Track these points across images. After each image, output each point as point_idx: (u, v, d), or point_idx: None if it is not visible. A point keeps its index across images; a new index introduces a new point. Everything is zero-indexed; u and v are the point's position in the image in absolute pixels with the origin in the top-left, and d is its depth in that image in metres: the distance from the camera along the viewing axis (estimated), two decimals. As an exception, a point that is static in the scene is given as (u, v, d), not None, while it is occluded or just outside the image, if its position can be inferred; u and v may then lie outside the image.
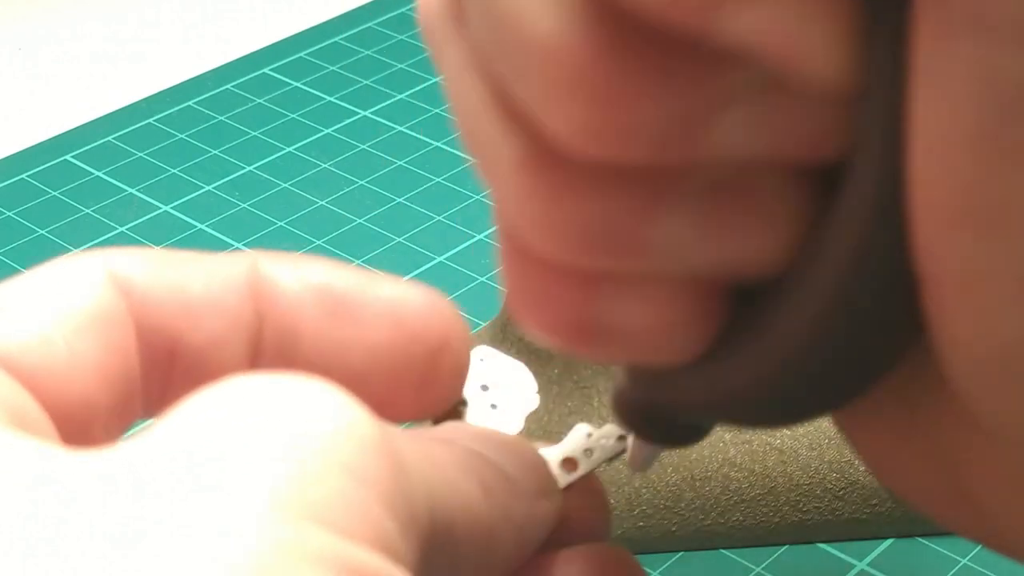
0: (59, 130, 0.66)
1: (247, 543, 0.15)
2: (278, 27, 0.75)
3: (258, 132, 0.65)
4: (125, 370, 0.21)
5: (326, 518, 0.15)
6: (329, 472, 0.16)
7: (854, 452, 0.22)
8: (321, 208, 0.60)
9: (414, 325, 0.22)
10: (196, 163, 0.63)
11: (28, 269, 0.21)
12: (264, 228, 0.59)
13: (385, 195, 0.61)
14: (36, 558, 0.14)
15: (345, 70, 0.70)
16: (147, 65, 0.72)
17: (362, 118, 0.66)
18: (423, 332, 0.22)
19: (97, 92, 0.70)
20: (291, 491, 0.15)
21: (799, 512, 0.43)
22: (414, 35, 0.73)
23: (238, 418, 0.16)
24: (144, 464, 0.16)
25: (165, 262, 0.21)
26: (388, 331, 0.21)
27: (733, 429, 0.42)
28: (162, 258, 0.21)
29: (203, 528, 0.15)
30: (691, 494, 0.42)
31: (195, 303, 0.21)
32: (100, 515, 0.15)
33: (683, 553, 0.43)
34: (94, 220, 0.60)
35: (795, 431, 0.42)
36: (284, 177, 0.62)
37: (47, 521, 0.15)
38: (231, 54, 0.72)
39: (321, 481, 0.16)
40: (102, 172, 0.63)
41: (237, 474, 0.15)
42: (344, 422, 0.17)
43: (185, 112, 0.67)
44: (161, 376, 0.21)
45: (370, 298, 0.21)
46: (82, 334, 0.20)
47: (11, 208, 0.60)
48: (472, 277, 0.56)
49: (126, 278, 0.21)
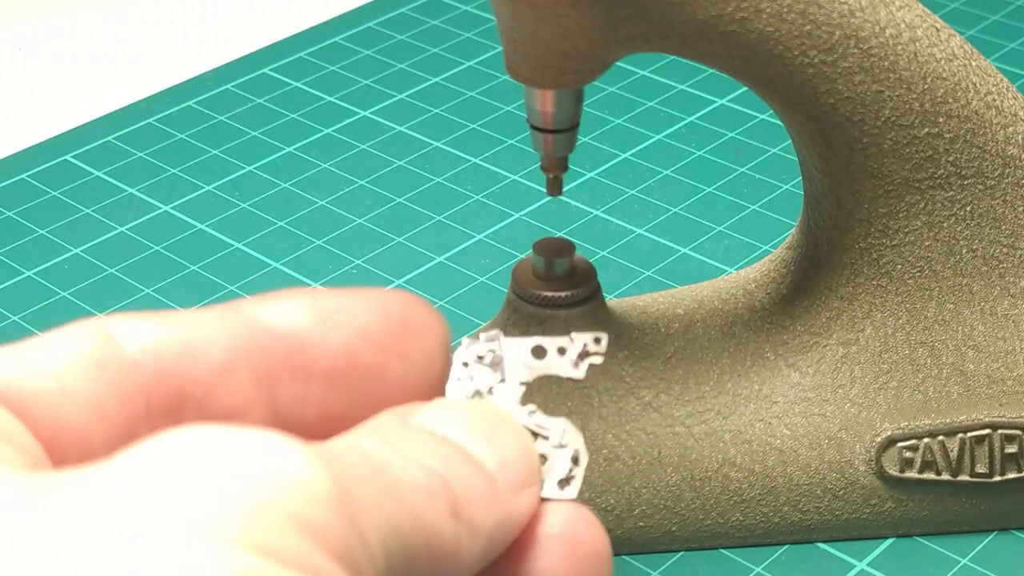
0: (59, 130, 0.66)
1: (171, 557, 0.16)
2: (278, 27, 0.75)
3: (258, 132, 0.65)
4: (126, 410, 0.22)
5: (263, 549, 0.17)
6: (273, 518, 0.17)
7: None
8: (321, 208, 0.60)
9: (397, 311, 0.23)
10: (196, 163, 0.63)
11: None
12: (264, 228, 0.59)
13: (385, 195, 0.61)
14: None
15: (345, 70, 0.70)
16: (147, 65, 0.72)
17: (362, 118, 0.66)
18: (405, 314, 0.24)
19: (97, 92, 0.70)
20: (227, 521, 0.17)
21: (799, 512, 0.43)
22: (414, 35, 0.73)
23: (182, 462, 0.18)
24: (74, 487, 0.17)
25: (158, 315, 0.23)
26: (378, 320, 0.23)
27: (733, 429, 0.42)
28: (155, 314, 0.23)
29: (120, 546, 0.16)
30: (691, 494, 0.42)
31: (192, 340, 0.22)
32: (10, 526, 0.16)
33: (683, 553, 0.43)
34: (94, 220, 0.60)
35: (795, 431, 0.42)
36: (284, 177, 0.62)
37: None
38: (231, 54, 0.72)
39: (263, 523, 0.17)
40: (102, 172, 0.63)
41: (168, 506, 0.17)
42: (294, 473, 0.18)
43: (185, 112, 0.67)
44: (175, 417, 0.22)
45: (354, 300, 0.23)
46: (73, 372, 0.21)
47: (11, 208, 0.60)
48: (472, 277, 0.56)
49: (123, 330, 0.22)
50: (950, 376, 0.42)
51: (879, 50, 0.38)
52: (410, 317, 0.24)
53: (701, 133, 0.64)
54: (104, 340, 0.22)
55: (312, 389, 0.23)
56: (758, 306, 0.44)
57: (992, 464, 0.42)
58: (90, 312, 0.54)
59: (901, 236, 0.41)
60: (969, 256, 0.41)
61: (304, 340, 0.23)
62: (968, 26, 0.71)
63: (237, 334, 0.23)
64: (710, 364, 0.43)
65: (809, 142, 0.40)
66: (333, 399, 0.23)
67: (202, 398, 0.22)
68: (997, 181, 0.41)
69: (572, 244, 0.42)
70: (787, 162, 0.61)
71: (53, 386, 0.21)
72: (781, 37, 0.38)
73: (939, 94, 0.39)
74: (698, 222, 0.58)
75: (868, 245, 0.41)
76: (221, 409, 0.22)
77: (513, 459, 0.22)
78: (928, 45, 0.39)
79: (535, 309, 0.41)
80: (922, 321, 0.42)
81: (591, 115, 0.65)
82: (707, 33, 0.37)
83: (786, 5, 0.37)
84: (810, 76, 0.38)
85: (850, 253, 0.41)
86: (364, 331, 0.23)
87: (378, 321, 0.23)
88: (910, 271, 0.41)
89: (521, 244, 0.57)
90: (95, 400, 0.21)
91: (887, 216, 0.41)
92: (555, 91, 0.39)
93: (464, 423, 0.22)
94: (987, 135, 0.40)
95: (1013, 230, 0.41)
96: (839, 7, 0.38)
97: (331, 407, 0.23)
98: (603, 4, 0.36)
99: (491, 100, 0.67)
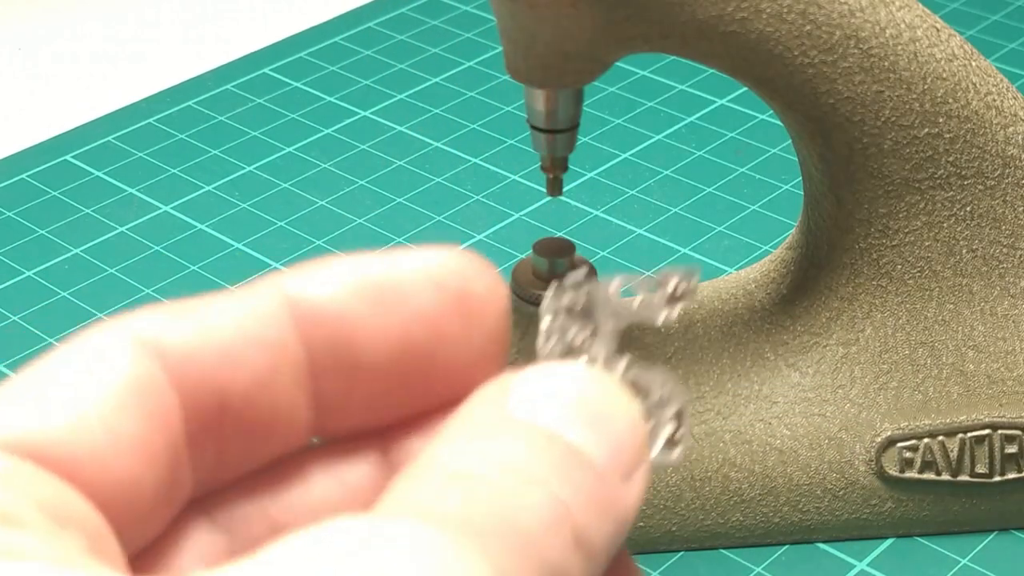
0: (59, 130, 0.66)
1: None
2: (278, 27, 0.75)
3: (258, 132, 0.65)
4: (169, 442, 0.19)
5: None
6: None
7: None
8: (321, 208, 0.60)
9: (454, 283, 0.21)
10: (196, 163, 0.63)
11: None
12: (264, 228, 0.59)
13: (385, 195, 0.61)
14: None
15: (345, 70, 0.70)
16: (147, 65, 0.72)
17: (362, 118, 0.66)
18: (469, 285, 0.21)
19: (97, 92, 0.70)
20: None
21: (799, 512, 0.43)
22: (414, 35, 0.73)
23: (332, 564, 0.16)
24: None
25: (189, 312, 0.20)
26: (433, 297, 0.21)
27: (733, 429, 0.42)
28: (185, 309, 0.20)
29: None
30: (691, 494, 0.42)
31: (231, 346, 0.20)
32: None
33: (683, 553, 0.43)
34: (94, 220, 0.60)
35: (795, 431, 0.42)
36: (284, 177, 0.62)
37: None
38: (231, 54, 0.72)
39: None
40: (102, 172, 0.63)
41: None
42: (441, 569, 0.16)
43: (185, 112, 0.67)
44: (213, 433, 0.20)
45: (405, 272, 0.21)
46: (119, 411, 0.19)
47: (11, 208, 0.60)
48: (472, 277, 0.56)
49: (154, 340, 0.20)
50: (950, 376, 0.42)
51: (879, 50, 0.38)
52: (468, 289, 0.21)
53: (701, 133, 0.64)
54: (140, 358, 0.19)
55: (359, 380, 0.21)
56: (758, 306, 0.44)
57: (992, 464, 0.42)
58: (90, 312, 0.54)
59: (901, 236, 0.41)
60: (969, 256, 0.41)
61: (351, 328, 0.20)
62: (968, 26, 0.71)
63: (278, 329, 0.20)
64: (710, 364, 0.43)
65: (809, 142, 0.40)
66: (381, 386, 0.21)
67: (241, 408, 0.20)
68: (997, 181, 0.41)
69: (572, 244, 0.42)
70: (787, 162, 0.61)
71: (101, 436, 0.18)
72: (781, 37, 0.38)
73: (939, 94, 0.39)
74: (698, 222, 0.58)
75: (868, 245, 0.41)
76: (261, 417, 0.20)
77: (623, 441, 0.20)
78: (928, 45, 0.39)
79: (535, 309, 0.41)
80: (922, 321, 0.42)
81: (591, 115, 0.65)
82: (707, 33, 0.37)
83: (786, 5, 0.37)
84: (810, 76, 0.38)
85: (850, 253, 0.41)
86: (417, 314, 0.20)
87: (433, 299, 0.21)
88: (910, 271, 0.41)
89: (521, 244, 0.57)
90: (143, 440, 0.19)
91: (887, 216, 0.41)
92: (555, 91, 0.39)
93: (568, 405, 0.19)
94: (987, 135, 0.40)
95: (1013, 230, 0.41)
96: (839, 7, 0.38)
97: (378, 394, 0.21)
98: (603, 4, 0.36)
99: (491, 100, 0.67)
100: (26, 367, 0.19)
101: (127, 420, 0.19)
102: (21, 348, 0.52)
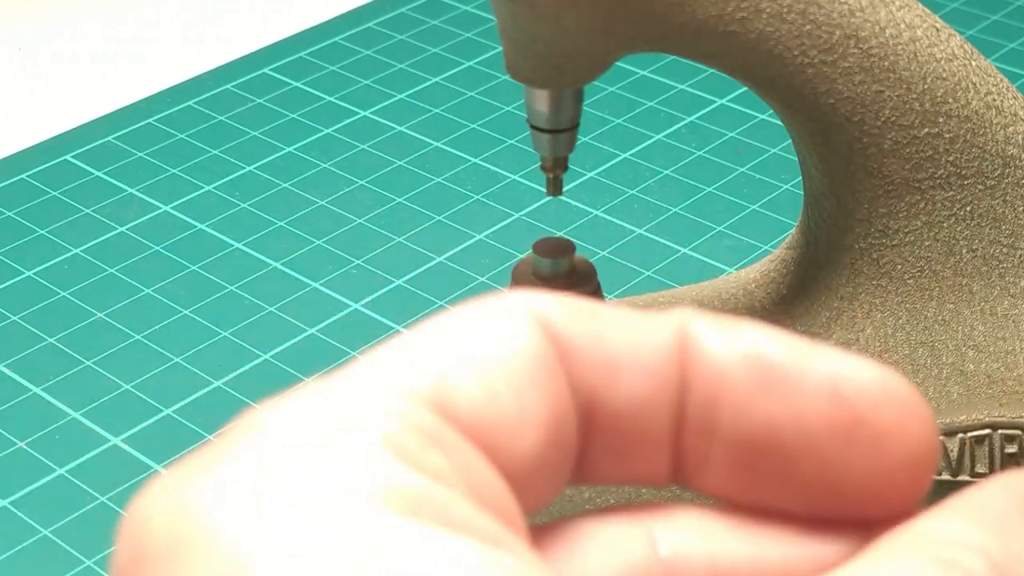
0: (59, 130, 0.66)
1: None
2: (278, 27, 0.75)
3: (258, 132, 0.65)
4: (565, 424, 0.18)
5: None
6: None
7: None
8: (321, 208, 0.60)
9: (859, 404, 0.19)
10: (196, 163, 0.63)
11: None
12: (264, 228, 0.59)
13: (385, 195, 0.61)
14: None
15: (345, 70, 0.70)
16: (147, 65, 0.72)
17: (362, 118, 0.66)
18: (870, 414, 0.19)
19: (97, 92, 0.70)
20: None
21: (799, 512, 0.43)
22: (414, 35, 0.73)
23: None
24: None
25: (586, 310, 0.19)
26: (826, 408, 0.19)
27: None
28: (582, 305, 0.19)
29: None
30: (691, 494, 0.42)
31: (618, 359, 0.18)
32: None
33: (683, 553, 0.43)
34: (94, 220, 0.60)
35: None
36: (284, 177, 0.62)
37: None
38: (231, 54, 0.72)
39: None
40: (102, 172, 0.63)
41: None
42: None
43: (185, 112, 0.67)
44: (580, 436, 0.19)
45: (808, 369, 0.19)
46: (526, 386, 0.17)
47: (11, 208, 0.60)
48: (472, 277, 0.56)
49: (550, 323, 0.18)
50: (950, 376, 0.42)
51: (879, 50, 0.38)
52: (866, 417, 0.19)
53: (701, 133, 0.64)
54: (541, 338, 0.18)
55: (711, 444, 0.19)
56: (758, 306, 0.44)
57: (992, 464, 0.42)
58: (90, 312, 0.54)
59: (901, 236, 0.41)
60: (969, 256, 0.41)
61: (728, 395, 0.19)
62: (968, 26, 0.71)
63: (667, 364, 0.19)
64: (710, 364, 0.43)
65: (809, 142, 0.40)
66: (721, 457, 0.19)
67: (606, 426, 0.18)
68: (997, 181, 0.41)
69: (572, 244, 0.42)
70: (787, 162, 0.61)
71: (512, 408, 0.17)
72: (781, 37, 0.38)
73: (939, 94, 0.39)
74: (698, 222, 0.58)
75: (868, 245, 0.41)
76: (619, 443, 0.19)
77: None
78: (928, 45, 0.39)
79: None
80: (922, 321, 0.42)
81: (591, 115, 0.65)
82: (707, 33, 0.37)
83: (786, 5, 0.37)
84: (810, 76, 0.38)
85: (850, 253, 0.41)
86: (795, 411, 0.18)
87: (823, 406, 0.19)
88: (910, 271, 0.41)
89: (521, 244, 0.57)
90: (547, 420, 0.17)
91: (887, 216, 0.41)
92: (555, 91, 0.39)
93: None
94: (987, 135, 0.40)
95: (1013, 230, 0.41)
96: (839, 7, 0.38)
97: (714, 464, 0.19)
98: (603, 4, 0.36)
99: (491, 100, 0.67)
100: (413, 325, 0.18)
101: (533, 397, 0.17)
102: (21, 348, 0.52)
